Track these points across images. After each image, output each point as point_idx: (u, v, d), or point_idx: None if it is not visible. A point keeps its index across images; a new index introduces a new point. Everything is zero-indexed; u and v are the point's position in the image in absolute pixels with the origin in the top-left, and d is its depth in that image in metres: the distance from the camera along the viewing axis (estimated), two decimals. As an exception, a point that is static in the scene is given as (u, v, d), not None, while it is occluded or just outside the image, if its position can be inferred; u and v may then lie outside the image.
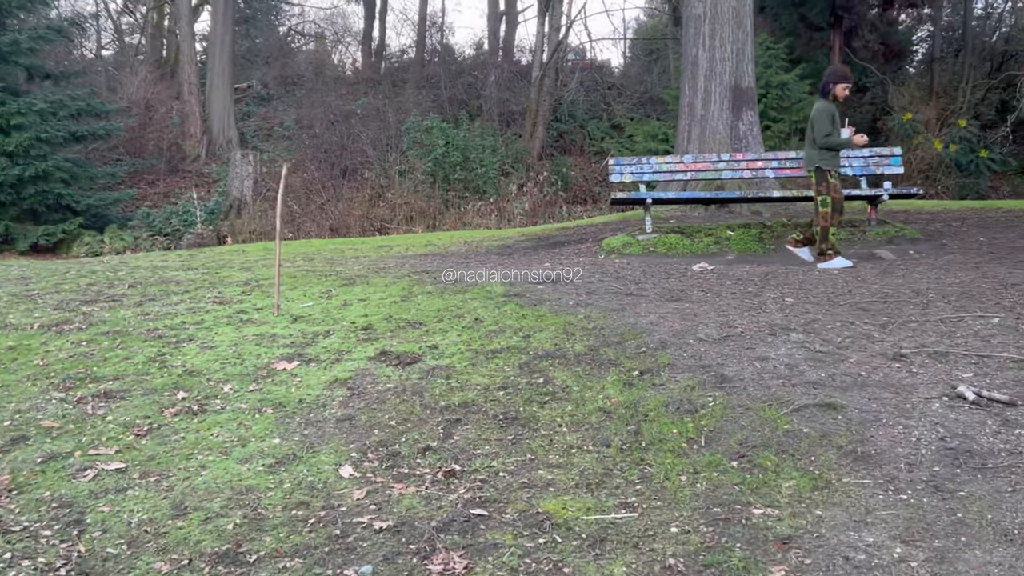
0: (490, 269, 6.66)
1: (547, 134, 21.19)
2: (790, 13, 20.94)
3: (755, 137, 10.40)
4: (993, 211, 8.41)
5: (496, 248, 8.21)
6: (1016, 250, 6.47)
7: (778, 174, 7.84)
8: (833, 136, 6.55)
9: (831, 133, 6.55)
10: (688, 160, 7.92)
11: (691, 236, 7.65)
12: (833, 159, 6.65)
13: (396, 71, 25.64)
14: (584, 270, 6.54)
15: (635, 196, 7.58)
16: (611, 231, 8.80)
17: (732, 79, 10.28)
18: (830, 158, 6.63)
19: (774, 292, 5.50)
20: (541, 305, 5.15)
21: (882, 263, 6.46)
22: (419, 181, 17.00)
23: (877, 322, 4.59)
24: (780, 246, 7.45)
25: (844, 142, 6.63)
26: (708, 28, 10.26)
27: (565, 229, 9.16)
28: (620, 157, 7.99)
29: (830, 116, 6.56)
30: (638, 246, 7.51)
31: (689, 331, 4.49)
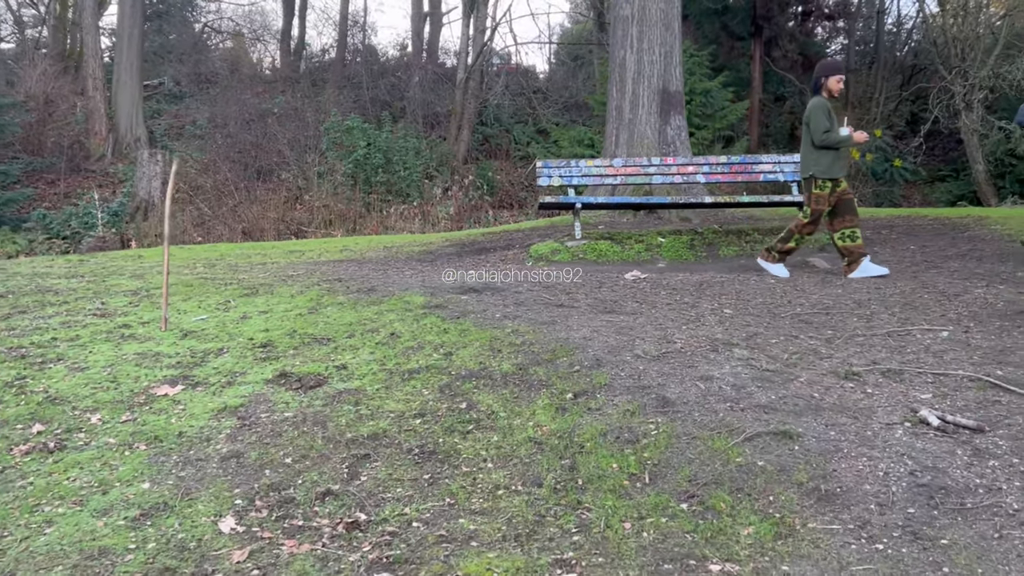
0: (410, 277, 6.16)
1: (472, 137, 20.75)
2: (712, 22, 21.05)
3: (683, 142, 10.18)
4: (919, 219, 8.37)
5: (418, 254, 7.71)
6: (949, 258, 6.34)
7: (709, 179, 7.59)
8: (832, 133, 6.03)
9: (829, 130, 6.03)
10: (618, 164, 7.58)
11: (622, 243, 7.31)
12: (833, 163, 6.07)
13: (316, 70, 24.78)
14: (511, 278, 6.10)
15: (564, 200, 7.20)
16: (539, 237, 8.40)
17: (660, 82, 10.03)
18: (828, 163, 6.04)
19: (711, 303, 5.17)
20: (465, 318, 4.68)
21: (817, 272, 6.23)
22: (339, 183, 16.33)
23: (822, 336, 4.28)
24: (711, 252, 7.18)
25: (844, 139, 6.11)
26: (636, 30, 9.99)
27: (491, 234, 8.73)
28: (548, 159, 7.61)
29: (826, 112, 6.06)
30: (567, 253, 7.13)
31: (625, 347, 4.09)
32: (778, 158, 7.64)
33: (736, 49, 21.80)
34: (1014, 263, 5.88)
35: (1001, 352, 3.87)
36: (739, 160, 7.61)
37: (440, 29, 24.74)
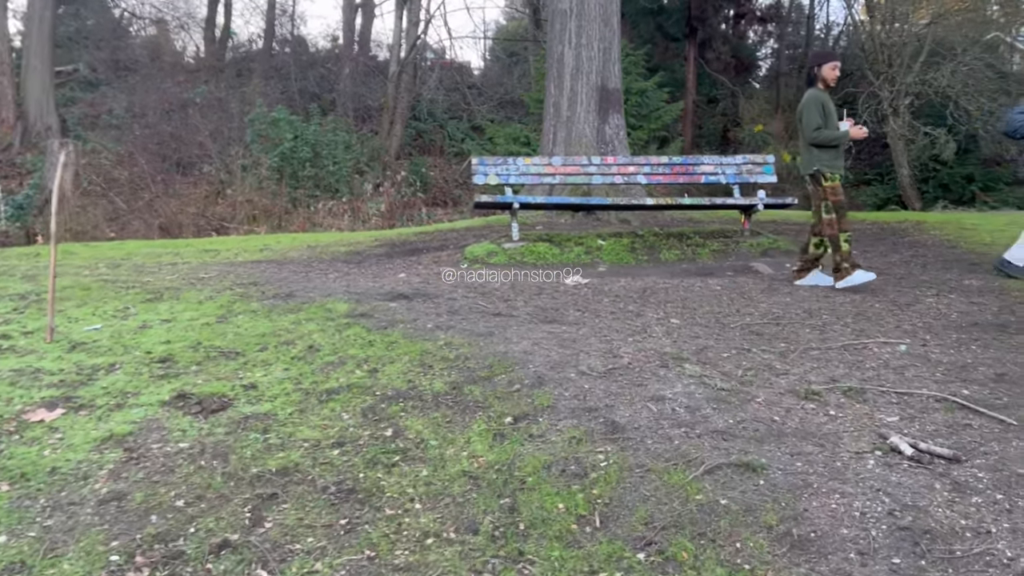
0: (334, 281, 5.69)
1: (405, 132, 20.20)
2: (648, 22, 20.99)
3: (621, 141, 9.93)
4: (858, 223, 8.27)
5: (344, 255, 7.22)
6: (893, 264, 6.19)
7: (650, 180, 7.32)
8: (825, 130, 5.45)
9: (821, 126, 5.44)
10: (557, 162, 7.25)
11: (560, 245, 6.98)
12: (834, 159, 5.51)
13: (242, 60, 23.82)
14: (445, 283, 5.70)
15: (501, 200, 6.83)
16: (474, 237, 8.01)
17: (599, 79, 9.75)
18: (830, 158, 5.49)
19: (657, 311, 4.87)
20: (393, 328, 4.27)
21: (762, 278, 6.01)
22: (264, 177, 15.61)
23: (776, 349, 4.02)
24: (652, 256, 6.91)
25: (839, 136, 5.49)
26: (575, 25, 9.69)
27: (424, 234, 8.30)
28: (484, 156, 7.23)
29: (819, 106, 5.48)
30: (504, 255, 6.76)
31: (569, 362, 3.74)
32: (720, 159, 7.43)
33: (671, 50, 21.81)
34: (959, 271, 5.76)
35: (963, 368, 3.65)
36: (680, 161, 7.37)
37: (372, 21, 24.10)
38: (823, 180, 5.51)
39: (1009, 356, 3.84)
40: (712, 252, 6.96)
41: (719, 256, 6.89)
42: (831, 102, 5.58)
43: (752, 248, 7.01)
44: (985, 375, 3.57)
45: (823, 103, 5.50)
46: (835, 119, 5.56)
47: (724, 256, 6.90)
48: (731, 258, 6.86)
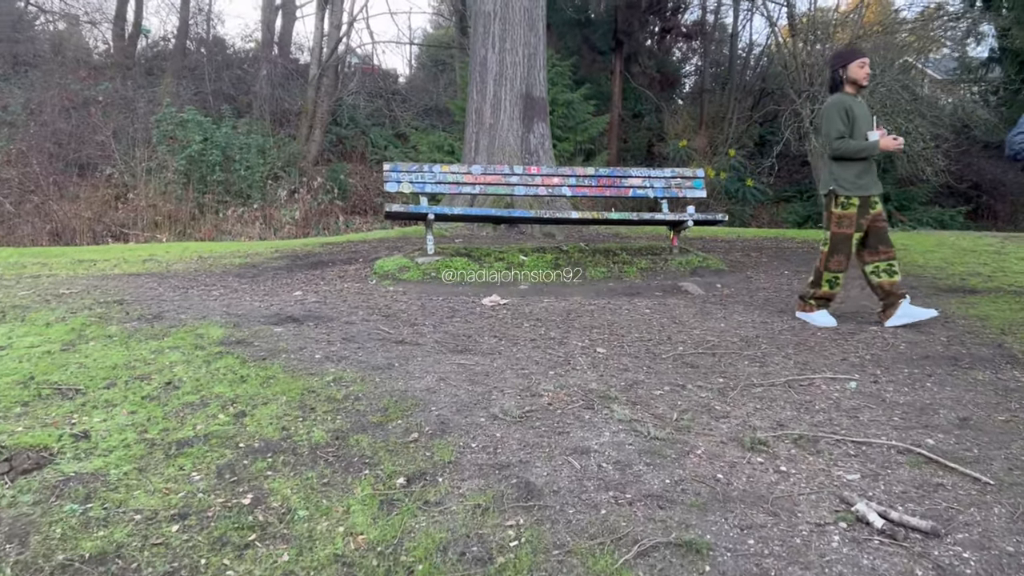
0: (216, 299, 4.99)
1: (325, 138, 19.36)
2: (575, 33, 20.71)
3: (547, 152, 9.45)
4: (787, 241, 7.99)
5: (238, 268, 6.49)
6: (828, 287, 5.84)
7: (575, 192, 6.83)
8: (848, 140, 4.52)
9: (844, 135, 4.54)
10: (477, 171, 6.69)
11: (480, 260, 6.41)
12: (859, 177, 4.56)
13: (155, 59, 22.56)
14: (347, 303, 5.06)
15: (414, 210, 6.22)
16: (387, 249, 7.38)
17: (524, 86, 9.26)
18: (853, 176, 4.55)
19: (581, 338, 4.34)
20: (274, 359, 3.62)
21: (693, 299, 5.56)
22: (170, 181, 14.60)
23: (713, 385, 3.53)
24: (578, 274, 6.41)
25: (866, 147, 4.53)
26: (499, 28, 9.18)
27: (333, 245, 7.62)
28: (398, 163, 6.62)
29: (842, 112, 4.56)
30: (417, 271, 6.15)
31: (479, 402, 3.17)
32: (648, 172, 7.00)
33: (598, 62, 21.59)
34: (897, 294, 5.44)
35: (922, 411, 3.23)
36: (607, 173, 6.91)
37: (293, 23, 23.14)
38: (834, 203, 4.63)
39: (968, 395, 3.45)
40: (640, 270, 6.51)
41: (647, 274, 6.45)
42: (861, 107, 4.66)
43: (681, 266, 6.58)
44: (947, 419, 3.16)
45: (847, 108, 4.58)
46: (864, 127, 4.63)
47: (652, 274, 6.45)
48: (660, 277, 6.42)
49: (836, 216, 4.62)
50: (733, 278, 6.39)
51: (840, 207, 4.60)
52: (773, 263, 7.00)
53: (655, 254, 6.83)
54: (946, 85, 21.18)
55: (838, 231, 4.63)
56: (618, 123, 21.13)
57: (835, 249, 4.64)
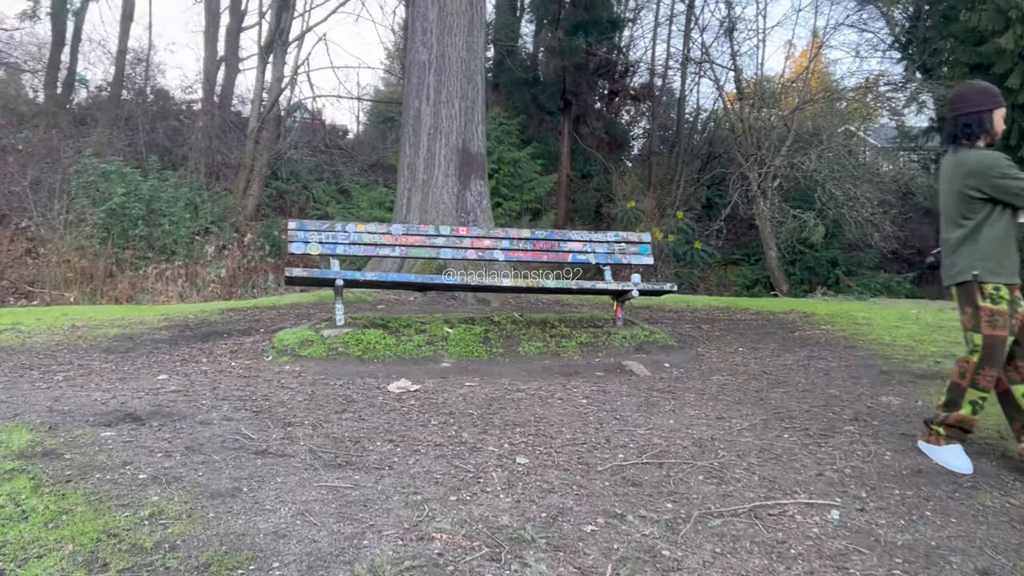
0: (49, 387, 4.01)
1: (263, 192, 18.42)
2: (523, 93, 20.30)
3: (484, 210, 8.68)
4: (740, 312, 7.29)
5: (111, 341, 5.49)
6: (791, 370, 5.08)
7: (509, 256, 6.03)
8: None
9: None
10: (397, 231, 5.85)
11: (397, 333, 5.54)
12: (1007, 258, 3.28)
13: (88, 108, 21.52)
14: (216, 391, 4.11)
15: (320, 275, 5.33)
16: (297, 317, 6.46)
17: (460, 141, 8.53)
18: (1001, 257, 3.26)
19: (500, 441, 3.47)
20: (82, 481, 2.68)
21: (637, 384, 4.75)
22: (88, 235, 13.48)
23: (660, 515, 2.69)
24: (509, 348, 5.57)
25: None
26: (434, 79, 8.47)
27: (235, 312, 6.67)
28: (305, 220, 5.76)
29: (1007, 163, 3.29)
30: (322, 346, 5.24)
31: (345, 550, 2.28)
32: (589, 236, 6.25)
33: (546, 122, 21.18)
34: (870, 382, 4.69)
35: (928, 559, 2.43)
36: (545, 236, 6.14)
37: (236, 75, 22.32)
38: (980, 296, 3.29)
39: (980, 531, 2.67)
40: (580, 345, 5.69)
41: (588, 351, 5.63)
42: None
43: (626, 341, 5.79)
44: (963, 572, 2.35)
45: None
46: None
47: (593, 351, 5.64)
48: (601, 353, 5.61)
49: (987, 313, 3.27)
50: (683, 355, 5.61)
51: (990, 300, 3.27)
52: (726, 337, 6.25)
53: (597, 326, 6.03)
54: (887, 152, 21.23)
55: (992, 333, 3.26)
56: (566, 183, 20.63)
57: (988, 358, 3.28)
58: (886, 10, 19.51)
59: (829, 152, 15.93)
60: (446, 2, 8.50)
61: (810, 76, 18.73)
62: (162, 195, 14.18)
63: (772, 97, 17.50)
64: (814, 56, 18.63)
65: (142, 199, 13.83)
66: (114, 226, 13.63)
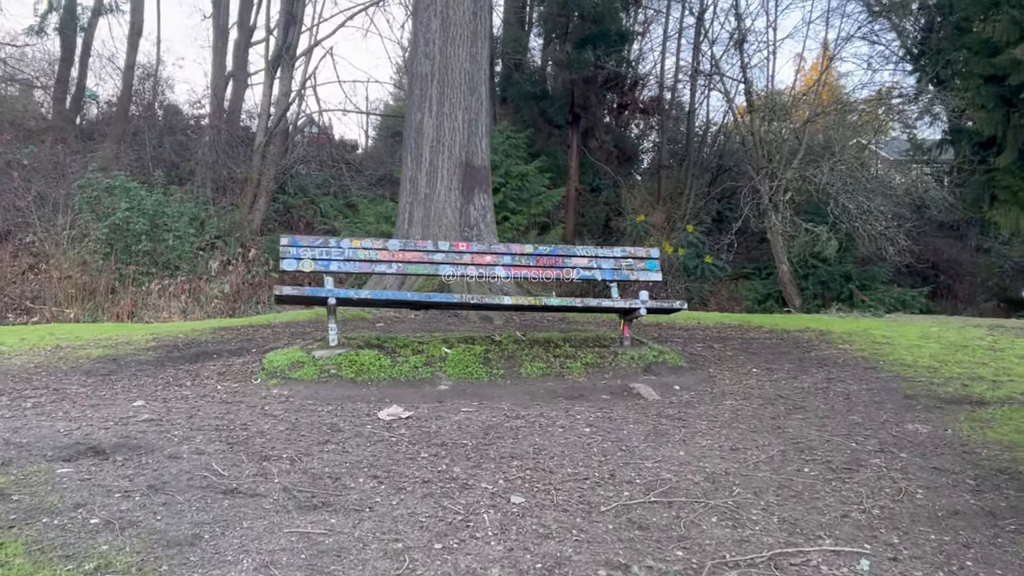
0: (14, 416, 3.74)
1: (270, 207, 18.25)
2: (531, 106, 20.07)
3: (488, 225, 8.42)
4: (753, 330, 6.97)
5: (93, 362, 5.23)
6: (808, 394, 4.77)
7: (511, 273, 5.75)
8: None
9: None
10: (394, 247, 5.59)
11: (393, 354, 5.26)
12: None
13: (97, 123, 21.47)
14: (192, 420, 3.84)
15: (311, 293, 5.07)
16: (291, 336, 6.19)
17: (463, 154, 8.28)
18: None
19: (495, 476, 3.18)
20: (26, 527, 2.40)
21: (645, 409, 4.45)
22: (91, 251, 13.31)
23: (670, 564, 2.39)
24: (510, 370, 5.28)
25: None
26: (436, 91, 8.24)
27: (228, 331, 6.41)
28: (298, 236, 5.49)
29: None
30: (313, 368, 4.97)
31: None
32: (595, 251, 5.96)
33: (554, 136, 20.93)
34: (894, 407, 4.37)
35: (982, 627, 2.12)
36: (548, 251, 5.86)
37: (244, 90, 22.21)
38: None
39: (1032, 585, 2.35)
40: (585, 366, 5.40)
41: (593, 372, 5.33)
42: None
43: (633, 362, 5.49)
44: (1019, 640, 2.04)
45: None
46: None
47: (599, 372, 5.34)
48: (608, 375, 5.31)
49: None
50: (693, 377, 5.30)
51: None
52: (739, 357, 5.94)
53: (603, 346, 5.73)
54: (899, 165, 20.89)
55: None
56: (575, 197, 20.36)
57: None
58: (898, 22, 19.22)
59: (841, 165, 15.59)
60: (449, 13, 8.28)
61: (821, 88, 18.43)
62: (166, 210, 14.01)
63: (783, 109, 17.20)
64: (825, 68, 18.34)
65: (146, 214, 13.66)
66: (117, 241, 13.45)
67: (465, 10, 8.32)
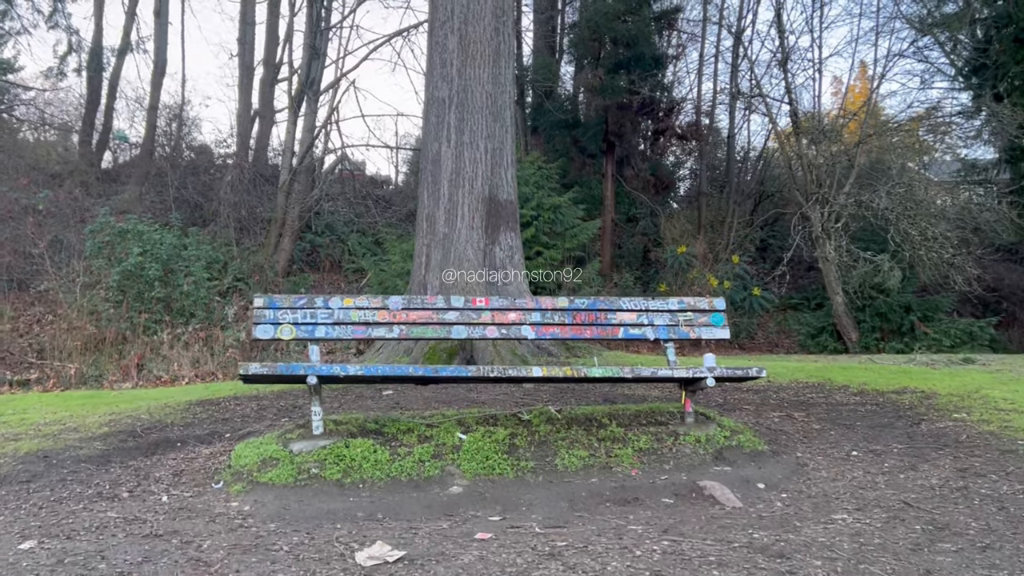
0: None
1: (295, 247, 17.34)
2: (563, 136, 18.98)
3: (516, 266, 7.24)
4: (838, 390, 5.65)
5: (17, 460, 4.09)
6: (943, 498, 3.45)
7: (540, 334, 4.54)
8: None
9: None
10: (396, 305, 4.42)
11: (394, 442, 4.08)
12: None
13: (124, 166, 20.91)
14: (94, 570, 2.67)
15: (283, 371, 3.91)
16: (277, 413, 5.05)
17: (486, 188, 7.14)
18: None
19: None
20: None
21: (725, 524, 3.19)
22: (102, 299, 12.43)
23: None
24: (542, 460, 4.07)
25: None
26: (455, 117, 7.14)
27: (206, 404, 5.28)
28: (276, 296, 4.36)
29: None
30: (289, 467, 3.80)
31: None
32: (645, 303, 4.75)
33: (588, 166, 19.77)
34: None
35: None
36: (587, 306, 4.66)
37: (271, 129, 21.49)
38: None
39: None
40: (638, 453, 4.16)
41: (649, 460, 4.09)
42: None
43: (699, 446, 4.23)
44: None
45: None
46: None
47: (657, 462, 4.10)
48: (667, 465, 4.06)
49: None
50: (779, 468, 4.03)
51: None
52: (829, 433, 4.64)
53: (659, 423, 4.49)
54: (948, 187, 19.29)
55: None
56: (611, 228, 19.14)
57: None
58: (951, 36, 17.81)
59: (900, 188, 14.16)
60: (468, 30, 7.20)
61: (873, 107, 17.04)
62: (182, 253, 13.10)
63: (834, 131, 15.83)
64: (876, 86, 16.95)
65: (159, 259, 12.74)
66: (130, 288, 12.53)
67: (486, 26, 7.23)
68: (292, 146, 17.73)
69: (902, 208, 13.73)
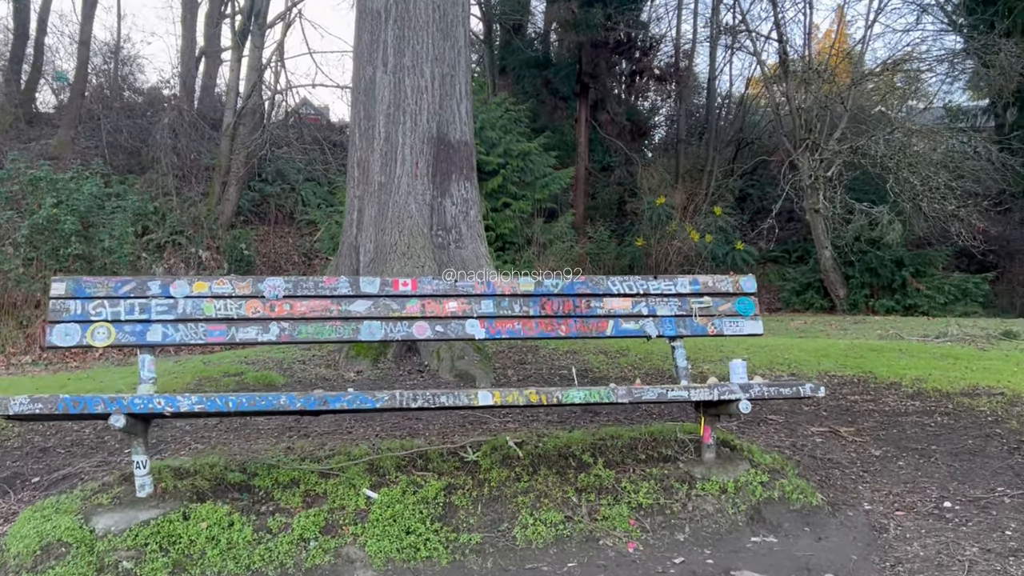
0: None
1: (241, 196, 15.54)
2: (533, 76, 17.20)
3: (472, 226, 5.69)
4: (890, 390, 4.20)
5: None
6: None
7: (495, 331, 3.04)
8: None
9: None
10: (274, 292, 2.89)
11: (265, 505, 2.59)
12: None
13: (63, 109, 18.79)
14: None
15: (73, 409, 2.37)
16: (124, 439, 3.49)
17: (434, 125, 5.53)
18: None
19: None
20: None
21: None
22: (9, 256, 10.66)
23: None
24: (493, 529, 2.60)
25: None
26: (393, 34, 5.47)
27: (32, 420, 3.77)
28: (85, 279, 2.82)
29: None
30: (85, 562, 2.29)
31: None
32: (644, 285, 3.26)
33: (560, 109, 18.03)
34: None
35: None
36: (561, 289, 3.16)
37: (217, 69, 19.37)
38: None
39: None
40: (636, 512, 2.72)
41: (653, 528, 2.65)
42: None
43: (727, 501, 2.79)
44: None
45: None
46: None
47: (665, 529, 2.66)
48: (680, 535, 2.62)
49: None
50: (849, 538, 2.61)
51: None
52: (897, 463, 3.24)
53: (666, 458, 3.04)
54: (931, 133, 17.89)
55: None
56: (584, 177, 17.54)
57: None
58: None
59: (898, 134, 12.71)
60: (410, -78, 5.49)
61: (864, 47, 15.47)
62: (96, 204, 11.31)
63: (827, 71, 14.25)
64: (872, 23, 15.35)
65: (76, 211, 10.96)
66: (43, 244, 10.77)
67: (432, -83, 5.52)
68: (236, 86, 15.80)
69: (902, 155, 12.30)
